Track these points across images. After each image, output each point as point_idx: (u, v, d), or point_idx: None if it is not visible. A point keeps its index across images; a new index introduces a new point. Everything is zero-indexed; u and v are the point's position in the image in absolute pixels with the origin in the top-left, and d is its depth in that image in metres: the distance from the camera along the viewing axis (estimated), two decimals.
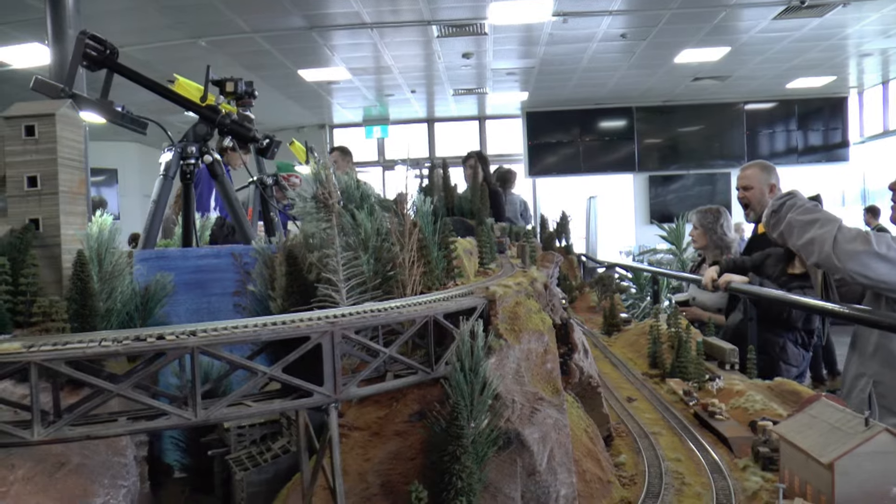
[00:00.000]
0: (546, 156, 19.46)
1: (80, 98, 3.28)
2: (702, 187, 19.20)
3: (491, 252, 2.61)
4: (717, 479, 2.10)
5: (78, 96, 3.27)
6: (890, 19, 12.31)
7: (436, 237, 2.05)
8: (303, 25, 11.18)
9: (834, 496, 1.68)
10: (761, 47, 13.82)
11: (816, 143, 19.38)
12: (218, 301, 2.29)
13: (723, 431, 2.49)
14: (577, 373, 2.34)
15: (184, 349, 1.27)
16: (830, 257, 3.30)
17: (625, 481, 2.10)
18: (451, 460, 1.48)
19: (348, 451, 1.66)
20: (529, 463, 1.66)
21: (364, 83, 15.57)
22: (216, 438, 1.95)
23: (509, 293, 1.96)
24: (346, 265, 1.76)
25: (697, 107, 19.13)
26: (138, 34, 10.63)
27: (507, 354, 1.79)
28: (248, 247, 2.36)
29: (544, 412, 1.75)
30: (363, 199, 2.02)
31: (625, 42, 13.05)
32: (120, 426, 1.29)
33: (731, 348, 3.60)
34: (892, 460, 1.69)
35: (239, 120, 3.75)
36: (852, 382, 3.63)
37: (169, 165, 3.58)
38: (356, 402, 1.78)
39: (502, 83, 16.32)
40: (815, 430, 1.89)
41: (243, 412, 1.38)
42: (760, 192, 5.52)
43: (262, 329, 1.37)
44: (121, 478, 1.54)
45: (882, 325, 3.17)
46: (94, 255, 1.85)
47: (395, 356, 1.58)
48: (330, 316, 1.47)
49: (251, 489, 1.73)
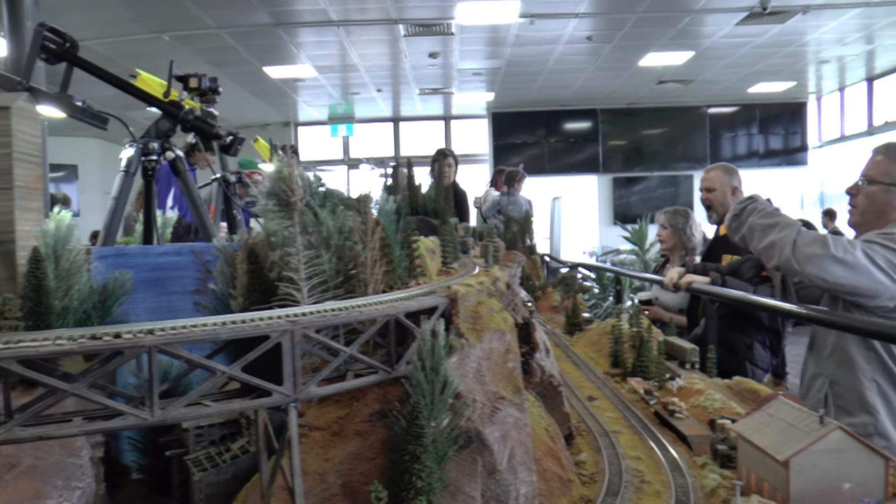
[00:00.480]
0: (511, 156, 19.51)
1: (37, 91, 3.21)
2: (665, 189, 19.44)
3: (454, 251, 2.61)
4: (677, 477, 2.12)
5: (36, 90, 3.21)
6: (846, 28, 12.59)
7: (398, 236, 2.05)
8: (269, 22, 11.10)
9: (789, 493, 1.71)
10: (724, 52, 14.03)
11: (777, 146, 19.75)
12: (178, 299, 2.26)
13: (682, 430, 2.52)
14: (539, 372, 2.35)
15: (140, 348, 1.25)
16: (790, 261, 3.35)
17: (585, 480, 2.11)
18: (412, 460, 1.47)
19: (308, 451, 1.65)
20: (490, 462, 1.66)
21: (330, 81, 15.51)
22: (174, 439, 1.92)
23: (471, 292, 1.96)
24: (308, 264, 1.74)
25: (661, 110, 19.37)
26: (100, 28, 10.46)
27: (468, 354, 1.79)
28: (210, 244, 2.33)
29: (505, 411, 1.76)
30: (326, 198, 2.01)
31: (590, 45, 13.16)
32: (74, 426, 1.27)
33: (691, 348, 3.65)
34: (844, 457, 1.72)
35: (202, 116, 3.70)
36: (809, 382, 3.70)
37: (130, 162, 3.53)
38: (316, 402, 1.76)
39: (468, 83, 16.37)
40: (771, 428, 1.92)
41: (202, 412, 1.37)
42: (722, 194, 5.59)
43: (222, 328, 1.35)
44: (75, 479, 1.51)
45: (838, 325, 3.22)
46: (51, 252, 1.81)
47: (355, 355, 1.58)
48: (290, 315, 1.46)
49: (209, 490, 1.71)
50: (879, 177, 3.48)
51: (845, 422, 3.36)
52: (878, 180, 3.48)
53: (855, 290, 3.27)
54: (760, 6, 10.93)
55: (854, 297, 3.32)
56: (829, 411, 3.48)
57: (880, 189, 3.48)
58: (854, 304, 3.36)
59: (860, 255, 3.22)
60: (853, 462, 1.72)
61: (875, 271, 3.21)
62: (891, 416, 3.33)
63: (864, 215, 3.59)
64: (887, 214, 3.47)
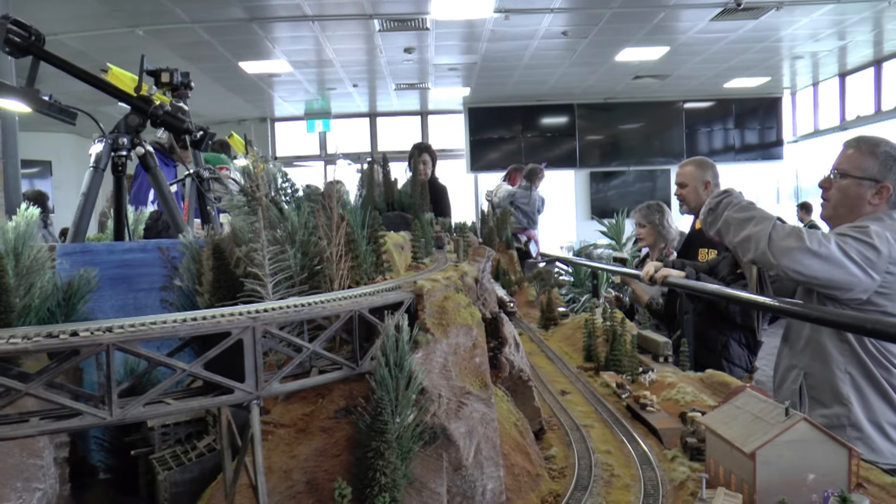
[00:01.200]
0: (488, 151, 19.57)
1: (2, 86, 3.17)
2: (642, 184, 19.54)
3: (426, 246, 2.61)
4: (646, 471, 2.13)
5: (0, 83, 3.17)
6: (819, 24, 12.72)
7: (364, 231, 2.04)
8: (243, 17, 11.01)
9: (755, 484, 1.72)
10: (699, 48, 14.12)
11: (752, 141, 19.91)
12: (144, 297, 2.23)
13: (653, 423, 2.53)
14: (508, 367, 2.35)
15: (98, 346, 1.23)
16: (766, 254, 3.36)
17: (554, 474, 2.12)
18: (375, 456, 1.46)
19: (273, 449, 1.64)
20: (455, 458, 1.66)
21: (306, 76, 15.43)
22: (140, 438, 1.90)
23: (437, 287, 1.95)
24: (273, 259, 1.73)
25: (638, 104, 19.46)
26: (73, 21, 10.33)
27: (433, 349, 1.79)
28: (176, 241, 2.31)
29: (471, 406, 1.75)
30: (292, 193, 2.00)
31: (566, 40, 13.18)
32: (31, 427, 1.25)
33: (664, 341, 3.67)
34: (809, 448, 1.74)
35: (172, 111, 3.67)
36: (783, 374, 3.73)
37: (100, 157, 3.49)
38: (282, 399, 1.75)
39: (444, 78, 16.35)
40: (738, 420, 1.93)
41: (161, 410, 1.35)
42: (694, 190, 5.62)
43: (181, 325, 1.34)
44: (35, 480, 1.48)
45: (812, 318, 3.25)
46: (10, 250, 1.79)
47: (319, 351, 1.56)
48: (252, 311, 1.45)
49: (174, 489, 1.70)
50: (851, 170, 3.51)
51: (819, 413, 3.42)
52: (850, 174, 3.51)
53: (829, 283, 3.29)
54: (734, 2, 11.00)
55: (828, 290, 3.35)
56: (804, 403, 3.52)
57: (852, 182, 3.51)
58: (828, 297, 3.39)
59: (834, 247, 3.25)
60: (818, 453, 1.74)
61: (849, 264, 3.24)
62: (864, 408, 3.36)
63: (836, 208, 3.61)
64: (859, 207, 3.50)
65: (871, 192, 3.47)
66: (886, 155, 3.44)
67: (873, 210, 3.47)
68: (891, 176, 3.44)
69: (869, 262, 3.23)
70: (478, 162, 19.54)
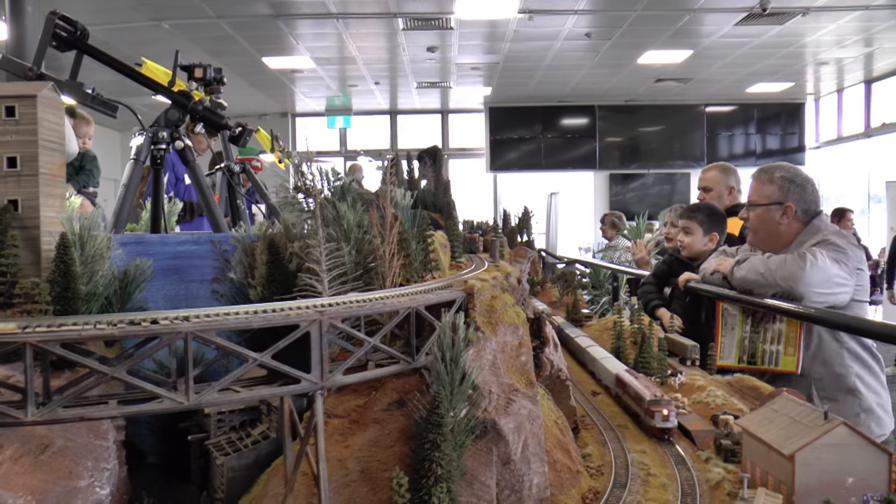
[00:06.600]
0: (508, 151, 19.57)
1: (48, 78, 3.24)
2: (662, 187, 19.49)
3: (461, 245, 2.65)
4: (682, 471, 2.17)
5: (47, 76, 3.23)
6: (845, 31, 12.65)
7: (414, 230, 2.09)
8: (268, 13, 11.10)
9: (794, 486, 1.75)
10: (723, 52, 14.08)
11: (774, 146, 19.79)
12: (196, 287, 2.29)
13: (686, 425, 2.56)
14: (548, 366, 2.40)
15: (177, 334, 1.29)
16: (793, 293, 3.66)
17: (592, 472, 2.16)
18: (432, 448, 1.51)
19: (328, 438, 1.69)
20: (505, 452, 1.70)
21: (328, 73, 15.50)
22: (194, 424, 1.96)
23: (486, 287, 2.00)
24: (329, 256, 1.78)
25: (659, 107, 19.40)
26: (99, 14, 10.42)
27: (484, 346, 1.84)
28: (227, 234, 2.37)
29: (519, 403, 1.80)
30: (345, 192, 2.05)
31: (589, 41, 13.18)
32: (112, 409, 1.31)
33: (692, 345, 3.69)
34: (848, 452, 1.77)
35: (211, 107, 3.74)
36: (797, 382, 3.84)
37: (140, 150, 3.56)
38: (335, 391, 1.81)
39: (466, 78, 16.37)
40: (776, 423, 1.97)
41: (233, 398, 1.41)
42: (719, 195, 5.64)
43: (254, 316, 1.39)
44: (103, 460, 1.55)
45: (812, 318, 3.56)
46: (77, 239, 1.85)
47: (378, 345, 1.62)
48: (318, 305, 1.50)
49: (231, 474, 1.75)
50: (758, 199, 4.01)
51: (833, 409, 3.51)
52: (758, 203, 4.01)
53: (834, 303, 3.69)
54: (760, 7, 10.97)
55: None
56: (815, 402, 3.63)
57: (763, 210, 3.99)
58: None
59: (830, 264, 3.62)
60: (857, 457, 1.77)
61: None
62: (871, 394, 3.72)
63: (757, 233, 4.10)
64: (776, 229, 3.97)
65: (779, 214, 3.94)
66: (783, 179, 3.95)
67: (787, 228, 3.94)
68: (791, 196, 3.92)
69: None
70: (497, 161, 19.54)
